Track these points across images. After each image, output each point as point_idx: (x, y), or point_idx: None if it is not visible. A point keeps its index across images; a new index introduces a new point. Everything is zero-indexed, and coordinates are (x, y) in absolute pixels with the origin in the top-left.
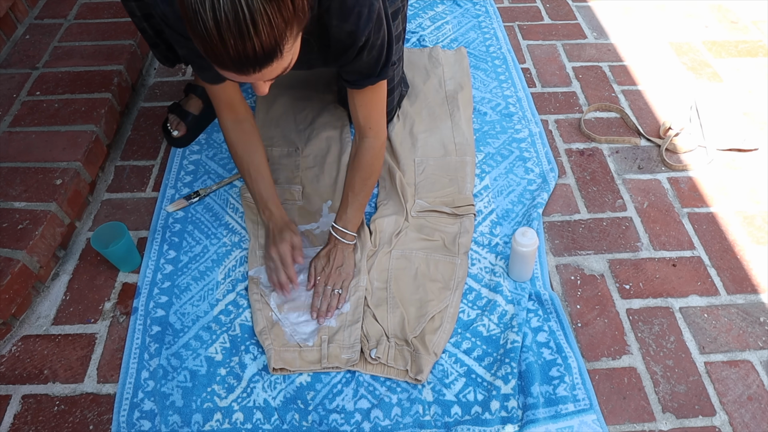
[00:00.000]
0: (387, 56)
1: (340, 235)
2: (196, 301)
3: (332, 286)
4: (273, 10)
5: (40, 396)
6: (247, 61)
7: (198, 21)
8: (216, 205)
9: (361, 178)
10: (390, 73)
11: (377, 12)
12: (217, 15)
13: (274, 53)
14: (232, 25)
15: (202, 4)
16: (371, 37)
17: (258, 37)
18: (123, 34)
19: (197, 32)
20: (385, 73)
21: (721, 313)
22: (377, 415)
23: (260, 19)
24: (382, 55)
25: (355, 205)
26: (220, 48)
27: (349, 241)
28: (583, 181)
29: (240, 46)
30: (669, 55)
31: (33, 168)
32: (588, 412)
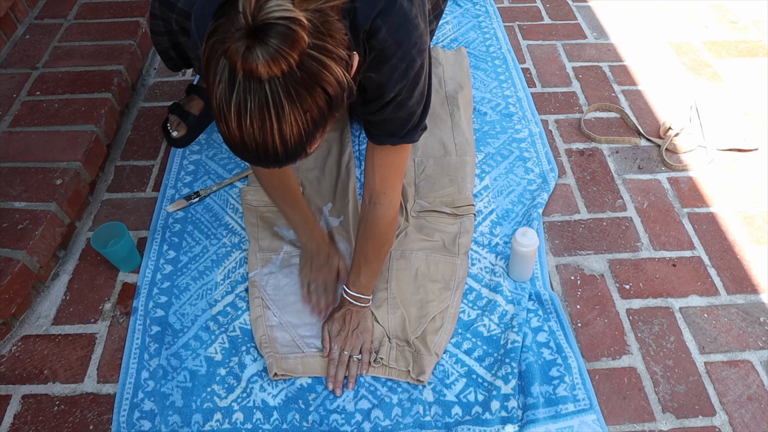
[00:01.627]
0: (419, 120)
1: (355, 300)
2: (196, 302)
3: (350, 351)
4: (303, 119)
5: (40, 396)
6: (266, 161)
7: (221, 117)
8: (216, 206)
9: (374, 247)
10: (417, 137)
11: (416, 71)
12: (242, 119)
13: (297, 155)
14: (256, 131)
15: (228, 103)
16: (401, 95)
17: (282, 144)
18: (123, 34)
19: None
20: (412, 137)
21: (721, 313)
22: (378, 416)
23: (288, 127)
24: (413, 117)
25: (369, 271)
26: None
27: (364, 304)
28: (583, 181)
29: (262, 150)
30: (669, 55)
31: (33, 168)
32: (588, 412)
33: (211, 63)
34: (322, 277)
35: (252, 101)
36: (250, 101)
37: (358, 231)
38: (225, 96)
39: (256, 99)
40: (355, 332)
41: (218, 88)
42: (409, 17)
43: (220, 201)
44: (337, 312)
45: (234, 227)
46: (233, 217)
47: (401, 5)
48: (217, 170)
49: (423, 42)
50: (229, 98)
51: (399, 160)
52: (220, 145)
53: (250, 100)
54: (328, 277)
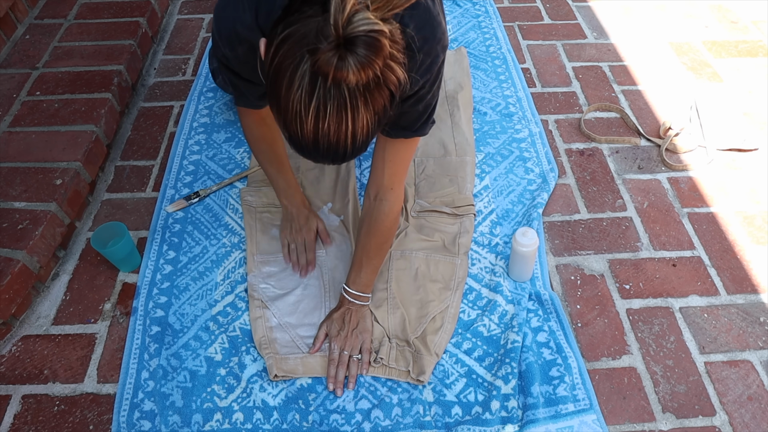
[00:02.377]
0: (430, 113)
1: (354, 299)
2: (196, 302)
3: (350, 351)
4: (374, 119)
5: (40, 396)
6: (333, 159)
7: (296, 119)
8: (216, 206)
9: (377, 244)
10: (428, 130)
11: (438, 66)
12: (320, 123)
13: (362, 151)
14: (332, 134)
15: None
16: (423, 90)
17: (353, 144)
18: (123, 34)
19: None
20: (424, 130)
21: (721, 313)
22: (378, 416)
23: (361, 129)
24: (427, 111)
25: (370, 269)
26: (310, 146)
27: (363, 302)
28: (583, 181)
29: (333, 149)
30: (669, 55)
31: (33, 168)
32: (588, 412)
33: (287, 69)
34: (301, 238)
35: (331, 105)
36: (329, 105)
37: (360, 229)
38: (303, 100)
39: (335, 103)
40: (355, 332)
41: (296, 93)
42: (432, 14)
43: (220, 201)
44: (336, 312)
45: (234, 227)
46: (233, 218)
47: (425, 3)
48: (216, 170)
49: (445, 39)
50: (308, 102)
51: (408, 155)
52: (220, 146)
53: (330, 105)
54: (307, 237)
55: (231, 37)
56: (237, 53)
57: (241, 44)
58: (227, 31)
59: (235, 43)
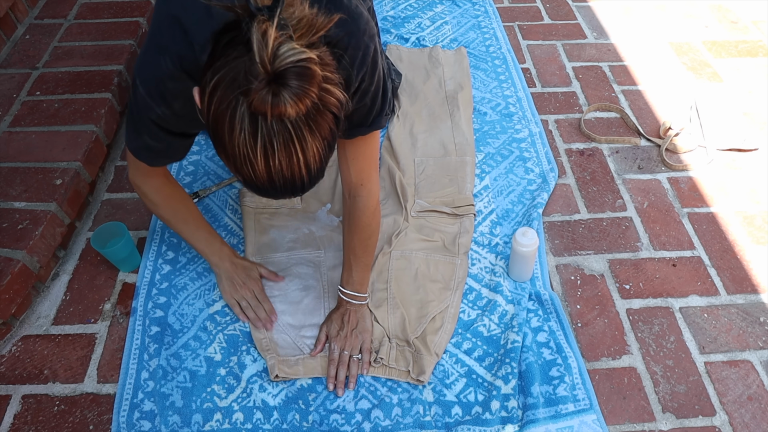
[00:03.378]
0: (381, 104)
1: (349, 299)
2: (194, 302)
3: (350, 351)
4: (323, 145)
5: (40, 396)
6: (292, 192)
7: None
8: (215, 206)
9: (360, 240)
10: (384, 122)
11: (372, 56)
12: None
13: (319, 179)
14: (285, 169)
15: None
16: (364, 83)
17: (308, 174)
18: (123, 34)
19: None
20: (378, 123)
21: (721, 313)
22: (378, 416)
23: (312, 158)
24: (376, 102)
25: (360, 267)
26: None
27: (361, 302)
28: (583, 181)
29: (289, 184)
30: (669, 55)
31: (33, 168)
32: (588, 412)
33: (225, 115)
34: (249, 292)
35: (277, 141)
36: (275, 142)
37: (343, 230)
38: (249, 143)
39: (281, 138)
40: (354, 332)
41: (239, 137)
42: (351, 8)
43: (219, 202)
44: (335, 312)
45: (233, 228)
46: (232, 218)
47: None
48: (216, 171)
49: (371, 27)
50: (254, 144)
51: (370, 150)
52: None
53: (276, 141)
54: (255, 288)
55: (164, 94)
56: (174, 109)
57: (176, 99)
58: (158, 90)
59: (170, 100)
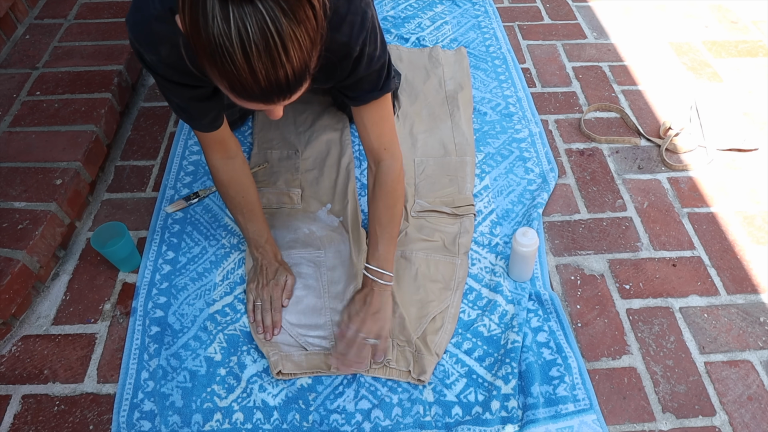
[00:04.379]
0: (388, 68)
1: (376, 276)
2: (194, 302)
3: (366, 333)
4: (301, 32)
5: (40, 396)
6: (278, 89)
7: (225, 55)
8: (215, 207)
9: (386, 207)
10: (393, 85)
11: (371, 21)
12: (247, 47)
13: (304, 77)
14: (263, 55)
15: (228, 37)
16: (367, 48)
17: (290, 63)
18: (123, 34)
19: (224, 68)
20: (388, 86)
21: (721, 313)
22: (378, 416)
23: (291, 44)
24: (384, 66)
25: (386, 239)
26: (249, 81)
27: (386, 281)
28: (583, 181)
29: (272, 76)
30: (669, 55)
31: (33, 168)
32: (588, 412)
33: (197, 10)
34: (267, 294)
35: (251, 24)
36: (249, 25)
37: (369, 201)
38: (223, 31)
39: (254, 20)
40: (376, 316)
41: (213, 26)
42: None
43: (219, 202)
44: (359, 293)
45: (233, 228)
46: (232, 218)
47: None
48: None
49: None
50: (228, 31)
51: (386, 113)
52: None
53: (249, 24)
54: (273, 293)
55: (150, 37)
56: (161, 55)
57: (162, 44)
58: (145, 34)
59: (156, 44)
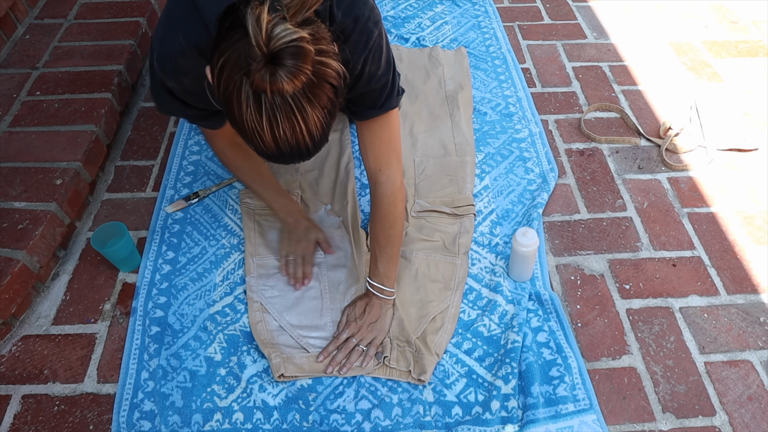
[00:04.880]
0: (392, 87)
1: (377, 291)
2: (194, 302)
3: (358, 340)
4: (323, 113)
5: (40, 396)
6: (300, 156)
7: (255, 135)
8: (215, 207)
9: (383, 229)
10: (396, 103)
11: (375, 41)
12: (275, 132)
13: (323, 143)
14: (289, 137)
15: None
16: (368, 66)
17: (312, 139)
18: (123, 34)
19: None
20: (390, 104)
21: (721, 313)
22: (378, 416)
23: (313, 126)
24: (387, 86)
25: (385, 258)
26: (274, 153)
27: (387, 296)
28: (583, 181)
29: (295, 149)
30: (669, 55)
31: (33, 168)
32: (588, 412)
33: (232, 93)
34: (300, 250)
35: (280, 114)
36: (278, 115)
37: (370, 219)
38: (255, 118)
39: (282, 111)
40: (372, 326)
41: (246, 112)
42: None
43: (219, 202)
44: (361, 299)
45: (233, 228)
46: (232, 218)
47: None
48: (216, 171)
49: (375, 14)
50: (260, 118)
51: (387, 134)
52: None
53: (279, 114)
54: (306, 249)
55: (176, 70)
56: (183, 85)
57: (186, 76)
58: (171, 65)
59: (180, 75)
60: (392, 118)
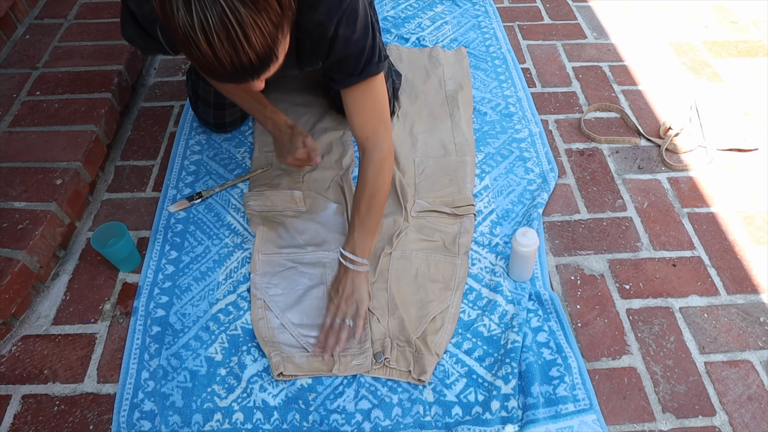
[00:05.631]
0: (371, 52)
1: (348, 263)
2: (197, 302)
3: (341, 317)
4: (262, 19)
5: (40, 396)
6: (244, 72)
7: (191, 44)
8: (218, 206)
9: (365, 197)
10: (377, 70)
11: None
12: (209, 36)
13: (269, 59)
14: (225, 43)
15: (192, 27)
16: (341, 29)
17: (252, 49)
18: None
19: (192, 55)
20: (369, 71)
21: (721, 313)
22: (378, 416)
23: (251, 31)
24: (365, 52)
25: (363, 228)
26: (216, 66)
27: (360, 268)
28: (583, 181)
29: (237, 61)
30: (669, 55)
31: (33, 168)
32: (588, 412)
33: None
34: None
35: (211, 15)
36: (209, 16)
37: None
38: (186, 21)
39: (214, 11)
40: (349, 299)
41: (178, 17)
42: None
43: (222, 201)
44: (335, 280)
45: (236, 227)
46: (235, 217)
47: None
48: (218, 170)
49: None
50: (191, 21)
51: (372, 102)
52: (220, 145)
53: (209, 15)
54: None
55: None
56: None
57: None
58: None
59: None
60: (375, 85)
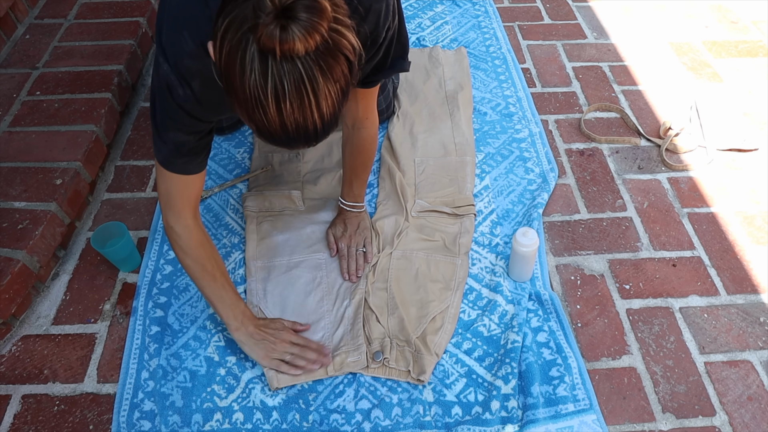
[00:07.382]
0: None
1: (350, 208)
2: (195, 302)
3: (356, 246)
4: (336, 88)
5: (40, 396)
6: (307, 139)
7: (258, 106)
8: (216, 206)
9: (362, 162)
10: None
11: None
12: (281, 102)
13: (333, 127)
14: (296, 111)
15: (264, 90)
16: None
17: (320, 117)
18: (123, 34)
19: (255, 115)
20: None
21: (721, 313)
22: (378, 416)
23: (324, 100)
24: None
25: (359, 182)
26: (279, 131)
27: (359, 210)
28: (583, 181)
29: (302, 127)
30: (669, 55)
31: (33, 168)
32: (588, 412)
33: (235, 57)
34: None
35: (288, 82)
36: (286, 83)
37: (344, 152)
38: (259, 84)
39: (291, 79)
40: (357, 231)
41: (249, 79)
42: None
43: (221, 201)
44: (338, 218)
45: (234, 228)
46: (233, 218)
47: None
48: (217, 170)
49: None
50: (264, 84)
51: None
52: (219, 145)
53: (287, 82)
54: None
55: (183, 73)
56: (193, 89)
57: (194, 78)
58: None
59: (189, 79)
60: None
